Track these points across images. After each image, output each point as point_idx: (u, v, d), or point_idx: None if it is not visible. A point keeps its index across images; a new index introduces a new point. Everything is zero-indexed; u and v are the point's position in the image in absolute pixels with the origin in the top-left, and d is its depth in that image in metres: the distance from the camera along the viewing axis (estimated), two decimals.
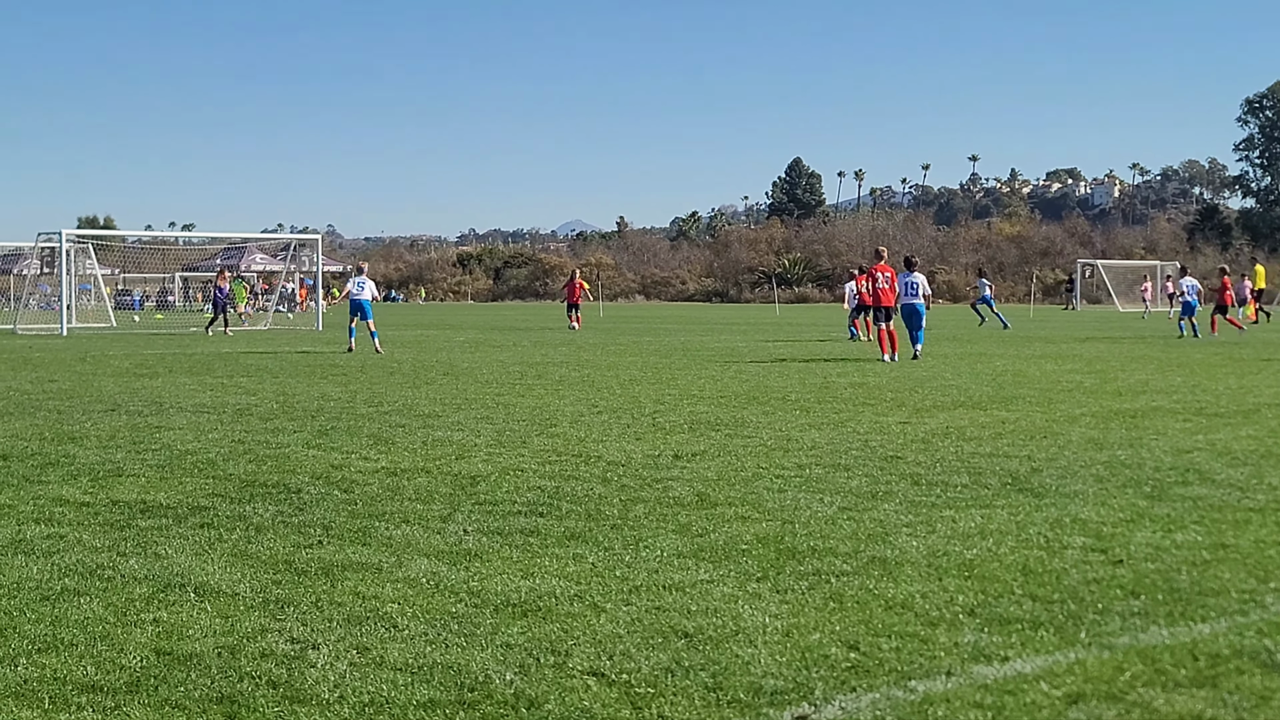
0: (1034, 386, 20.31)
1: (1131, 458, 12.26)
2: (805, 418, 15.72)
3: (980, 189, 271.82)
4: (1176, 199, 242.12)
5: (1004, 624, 6.52)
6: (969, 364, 25.94)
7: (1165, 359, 27.83)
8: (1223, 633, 6.33)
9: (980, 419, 15.59)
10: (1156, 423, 15.15)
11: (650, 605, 6.89)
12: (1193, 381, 21.35)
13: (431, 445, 13.19)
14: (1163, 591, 7.12)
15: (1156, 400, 17.98)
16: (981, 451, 12.71)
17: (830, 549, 8.21)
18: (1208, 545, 8.30)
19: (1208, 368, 24.85)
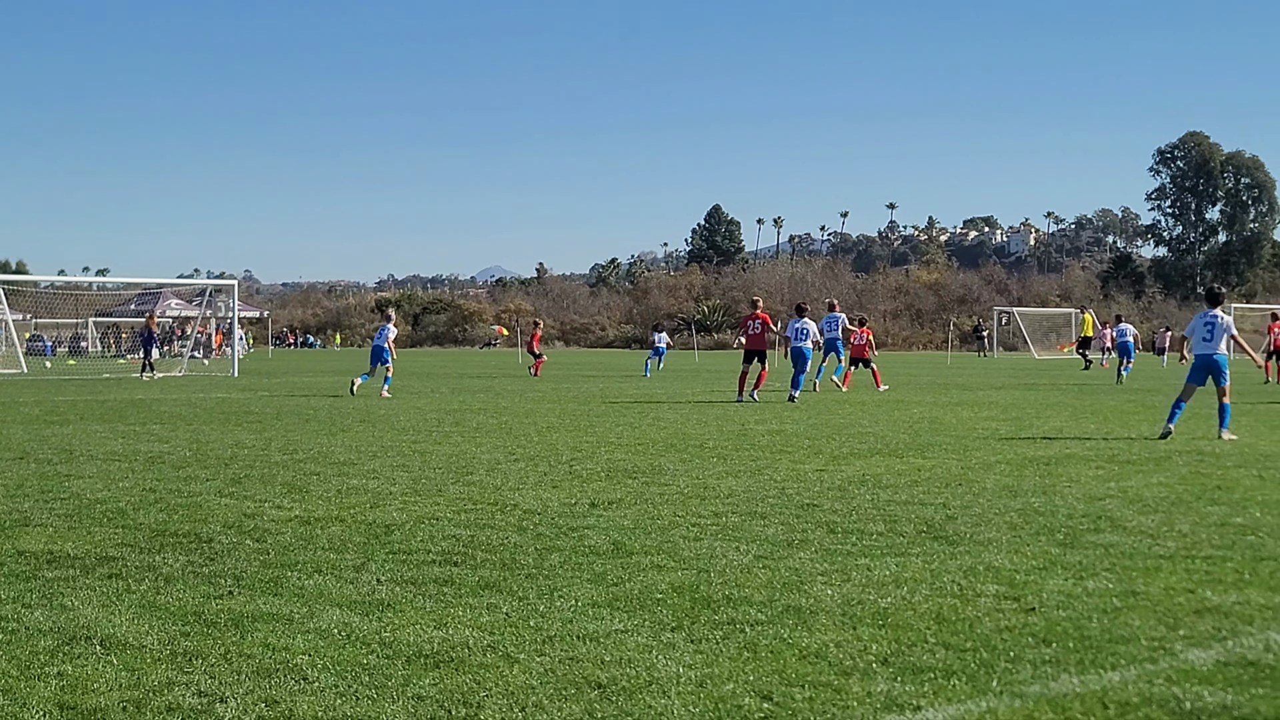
0: (950, 434, 20.43)
1: (1045, 505, 12.34)
2: (722, 465, 15.73)
3: (898, 236, 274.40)
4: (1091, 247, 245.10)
5: (917, 673, 6.52)
6: (886, 411, 26.07)
7: (1080, 406, 28.09)
8: (1132, 680, 6.37)
9: (897, 466, 15.66)
10: (1070, 470, 15.27)
11: (564, 656, 6.84)
12: (1106, 429, 21.56)
13: (346, 493, 13.09)
14: (1074, 639, 7.16)
15: (1071, 447, 18.13)
16: (897, 499, 12.75)
17: (745, 598, 8.20)
18: (1118, 593, 8.36)
19: (1121, 415, 25.10)
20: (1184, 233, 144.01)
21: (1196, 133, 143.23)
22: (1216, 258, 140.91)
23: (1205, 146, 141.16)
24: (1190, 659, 6.75)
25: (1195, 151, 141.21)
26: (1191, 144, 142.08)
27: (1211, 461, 16.16)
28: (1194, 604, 8.03)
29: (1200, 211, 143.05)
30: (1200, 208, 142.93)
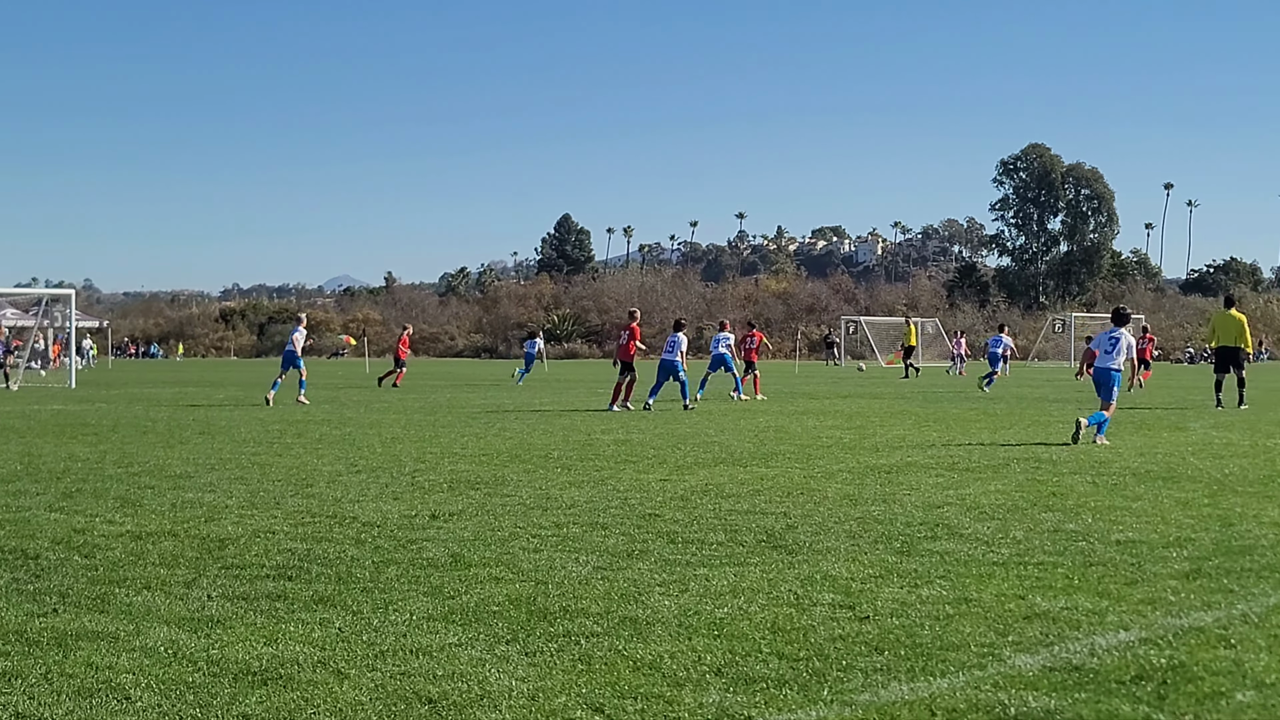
0: (795, 443, 20.58)
1: (884, 513, 12.46)
2: (566, 475, 15.69)
3: (748, 246, 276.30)
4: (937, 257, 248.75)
5: (750, 683, 6.53)
6: (733, 420, 26.20)
7: (923, 414, 28.45)
8: (960, 687, 6.43)
9: (740, 476, 15.72)
10: (911, 478, 15.44)
11: (396, 670, 6.76)
12: (948, 437, 21.84)
13: (181, 507, 12.85)
14: (905, 647, 7.22)
15: (912, 455, 18.34)
16: (739, 509, 12.79)
17: (582, 609, 8.17)
18: (951, 600, 8.45)
19: (963, 423, 25.46)
20: (1027, 243, 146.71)
21: (1038, 145, 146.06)
22: (1058, 267, 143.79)
23: (1047, 158, 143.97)
24: (1018, 664, 6.84)
25: (1037, 163, 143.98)
26: (1034, 155, 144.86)
27: (1048, 469, 16.43)
28: (1024, 610, 8.14)
29: (1042, 222, 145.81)
30: (1042, 218, 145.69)
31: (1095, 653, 7.07)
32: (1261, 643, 7.27)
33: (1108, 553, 10.24)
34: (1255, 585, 8.95)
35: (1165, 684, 6.48)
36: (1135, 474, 15.79)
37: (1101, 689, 6.40)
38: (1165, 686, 6.44)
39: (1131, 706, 6.12)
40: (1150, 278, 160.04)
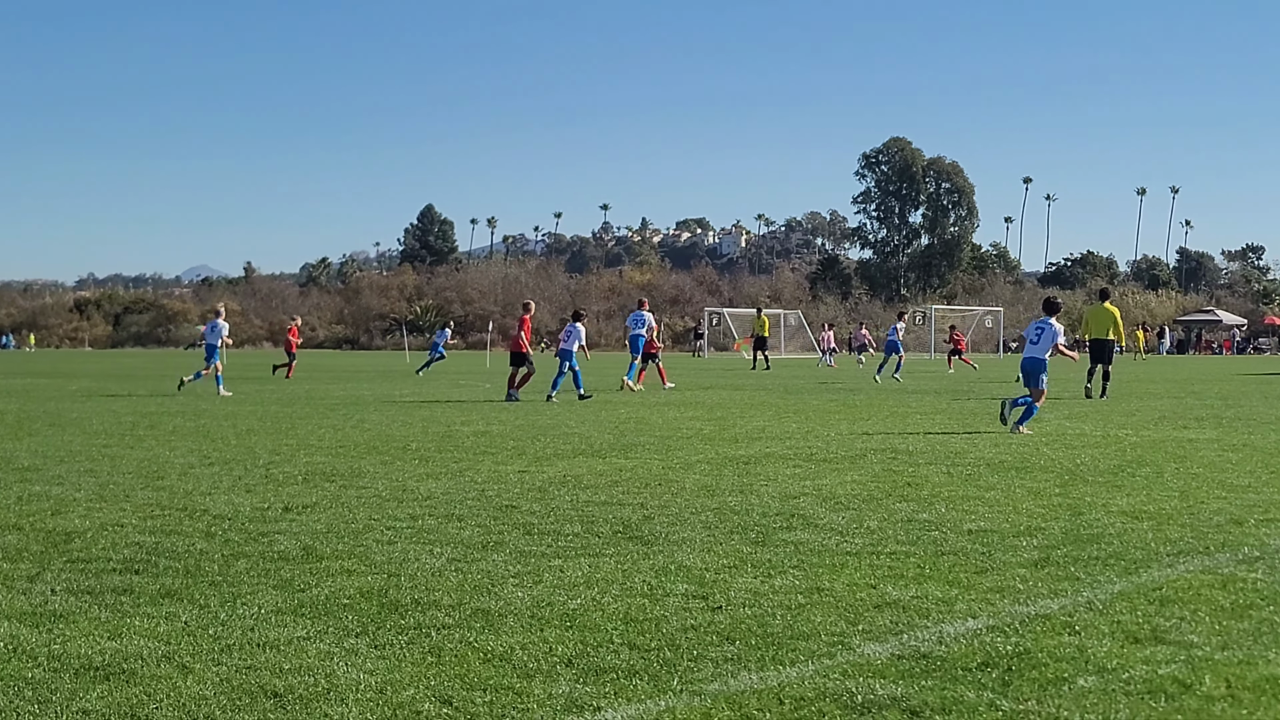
0: (654, 434, 20.61)
1: (741, 504, 12.51)
2: (424, 467, 15.59)
3: (612, 238, 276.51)
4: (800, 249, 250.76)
5: (600, 674, 6.52)
6: (594, 411, 26.18)
7: (783, 406, 28.62)
8: (809, 675, 6.46)
9: (599, 467, 15.72)
10: (768, 469, 15.53)
11: (242, 665, 6.67)
12: (807, 428, 21.99)
13: (27, 500, 12.58)
14: (757, 636, 7.25)
15: (771, 446, 18.44)
16: (596, 500, 12.78)
17: (434, 601, 8.11)
18: (804, 589, 8.50)
19: (823, 414, 25.65)
20: (888, 235, 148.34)
21: (900, 138, 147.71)
22: (919, 260, 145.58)
23: (908, 152, 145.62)
24: (867, 653, 6.89)
25: (899, 156, 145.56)
26: (895, 149, 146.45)
27: (904, 459, 16.60)
28: (875, 599, 8.21)
29: (904, 215, 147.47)
30: (904, 211, 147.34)
31: (943, 640, 7.14)
32: (1105, 629, 7.39)
33: (959, 542, 10.36)
34: (1101, 573, 9.09)
35: (1010, 670, 6.56)
36: (989, 464, 15.99)
37: (948, 676, 6.47)
38: (1010, 673, 6.52)
39: (976, 693, 6.19)
40: (1009, 270, 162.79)
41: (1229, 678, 6.42)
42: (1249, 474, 14.92)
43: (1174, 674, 6.48)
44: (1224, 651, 6.90)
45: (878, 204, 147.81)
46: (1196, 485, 13.91)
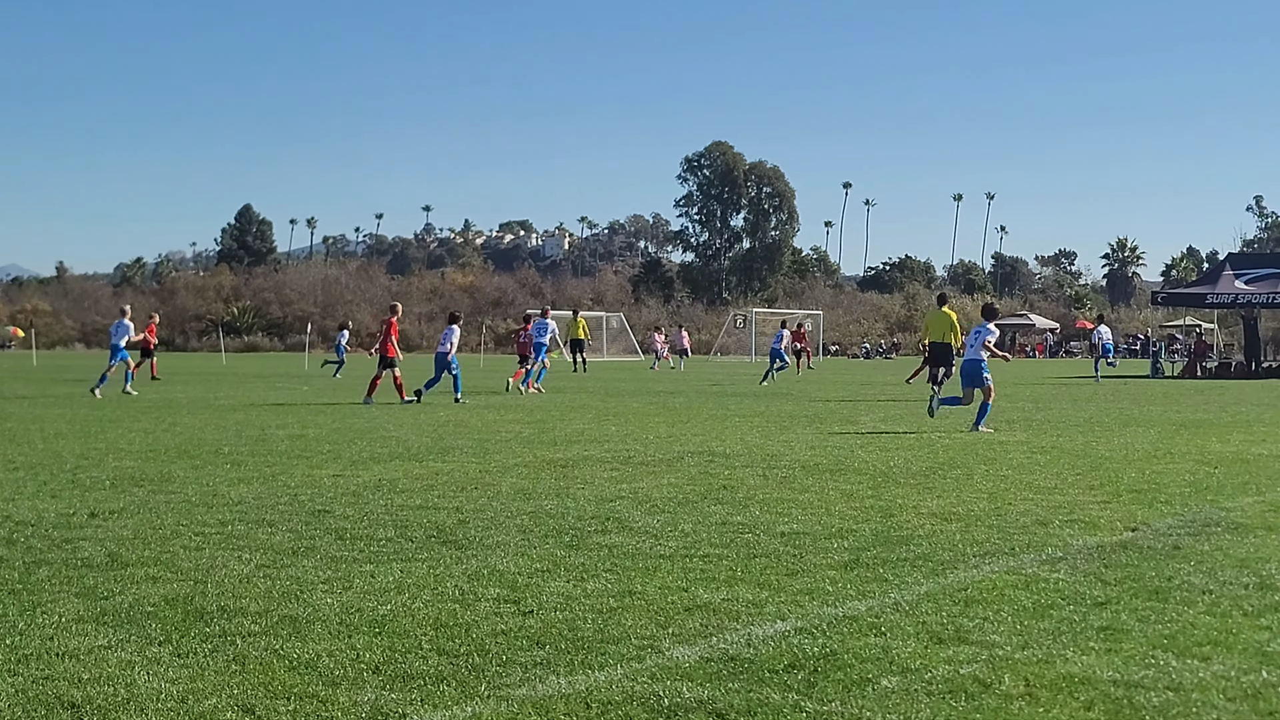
0: (473, 437, 20.52)
1: (557, 507, 12.50)
2: (235, 472, 15.35)
3: (435, 239, 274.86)
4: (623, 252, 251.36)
5: (407, 680, 6.47)
6: (412, 415, 26.00)
7: (603, 409, 28.67)
8: (618, 679, 6.47)
9: (415, 470, 15.61)
10: (586, 472, 15.54)
11: (39, 675, 6.50)
12: (626, 431, 22.05)
13: None
14: (567, 640, 7.24)
15: (589, 449, 18.46)
16: (411, 504, 12.69)
17: (241, 609, 7.99)
18: (616, 593, 8.51)
19: (642, 417, 25.73)
20: (710, 239, 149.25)
21: (722, 142, 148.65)
22: (741, 263, 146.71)
23: (730, 156, 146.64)
24: (676, 656, 6.92)
25: (721, 161, 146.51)
26: (717, 153, 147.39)
27: (721, 462, 16.71)
28: (686, 602, 8.25)
29: (725, 219, 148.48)
30: (725, 215, 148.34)
31: (751, 643, 7.19)
32: (910, 630, 7.50)
33: (772, 544, 10.44)
34: (909, 574, 9.23)
35: (816, 672, 6.63)
36: (804, 467, 16.17)
37: (755, 678, 6.52)
38: (816, 674, 6.59)
39: (782, 695, 6.24)
40: (829, 274, 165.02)
41: (1028, 676, 6.55)
42: (1055, 476, 15.25)
43: (975, 673, 6.59)
44: (1024, 651, 7.04)
45: (700, 207, 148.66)
46: (1005, 487, 14.19)
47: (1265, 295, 53.35)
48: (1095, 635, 7.38)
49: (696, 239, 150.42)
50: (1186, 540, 10.57)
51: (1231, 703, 6.14)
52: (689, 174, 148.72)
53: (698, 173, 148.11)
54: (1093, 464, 16.55)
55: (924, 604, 8.20)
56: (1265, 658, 6.89)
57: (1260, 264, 58.43)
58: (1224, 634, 7.40)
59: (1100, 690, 6.32)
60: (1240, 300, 54.63)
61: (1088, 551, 10.09)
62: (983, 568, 9.47)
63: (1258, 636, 7.35)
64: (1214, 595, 8.45)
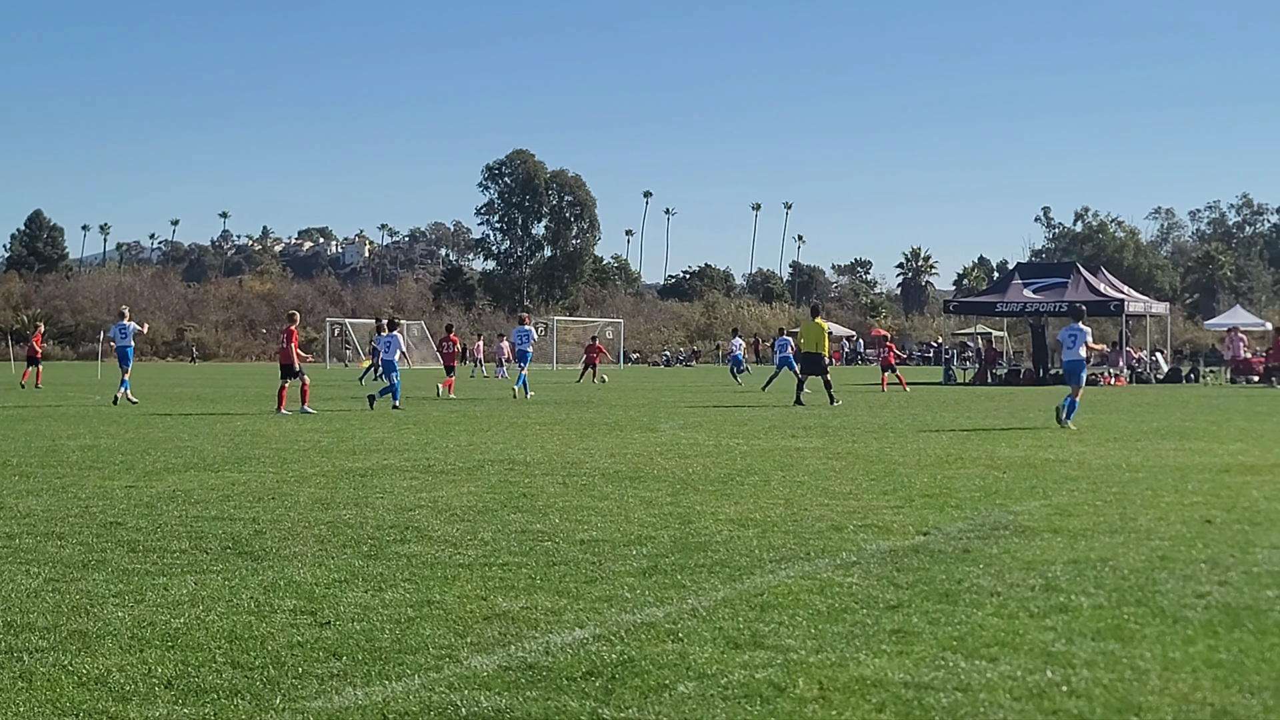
0: (270, 446, 20.26)
1: (355, 517, 12.40)
2: (24, 483, 14.97)
3: (232, 246, 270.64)
4: (424, 260, 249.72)
5: (200, 694, 6.37)
6: (208, 424, 25.61)
7: (403, 417, 28.49)
8: (415, 690, 6.45)
9: (211, 481, 15.37)
10: (385, 481, 15.43)
11: None
12: (426, 439, 21.94)
13: None
14: (364, 651, 7.19)
15: (389, 458, 18.33)
16: (206, 515, 12.50)
17: (29, 624, 7.80)
18: (414, 602, 8.47)
19: (442, 425, 25.62)
20: (512, 247, 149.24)
21: (523, 151, 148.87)
22: (542, 271, 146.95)
23: (531, 164, 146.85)
24: (474, 665, 6.91)
25: (522, 169, 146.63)
26: (518, 161, 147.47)
27: (521, 470, 16.71)
28: (485, 611, 8.24)
29: (527, 227, 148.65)
30: (527, 223, 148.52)
31: (550, 651, 7.21)
32: (707, 635, 7.58)
33: (571, 552, 10.48)
34: (707, 580, 9.32)
35: (614, 679, 6.67)
36: (604, 474, 16.23)
37: (553, 686, 6.54)
38: (613, 681, 6.63)
39: (579, 702, 6.27)
40: (630, 283, 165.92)
41: (822, 680, 6.66)
42: (851, 481, 15.51)
43: (770, 678, 6.69)
44: (818, 654, 7.15)
45: (501, 215, 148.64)
46: (801, 493, 14.39)
47: (1052, 304, 54.93)
48: (887, 638, 7.53)
49: (498, 247, 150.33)
50: (976, 544, 10.83)
51: (1017, 702, 6.31)
52: (490, 182, 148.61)
53: (499, 181, 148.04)
54: (887, 469, 16.87)
55: (721, 610, 8.29)
56: (1050, 657, 7.09)
57: (1047, 274, 60.10)
58: (1011, 635, 7.60)
59: (891, 692, 6.46)
60: (1028, 309, 56.20)
61: (881, 556, 10.29)
62: (779, 573, 9.60)
63: (1043, 637, 7.56)
64: (1001, 597, 8.67)
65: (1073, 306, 27.54)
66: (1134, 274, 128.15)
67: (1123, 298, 56.34)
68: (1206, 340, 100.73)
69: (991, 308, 58.80)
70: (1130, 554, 10.31)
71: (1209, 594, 8.74)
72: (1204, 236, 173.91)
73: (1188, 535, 11.24)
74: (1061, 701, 6.31)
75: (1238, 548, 10.60)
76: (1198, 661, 6.99)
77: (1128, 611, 8.20)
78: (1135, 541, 10.93)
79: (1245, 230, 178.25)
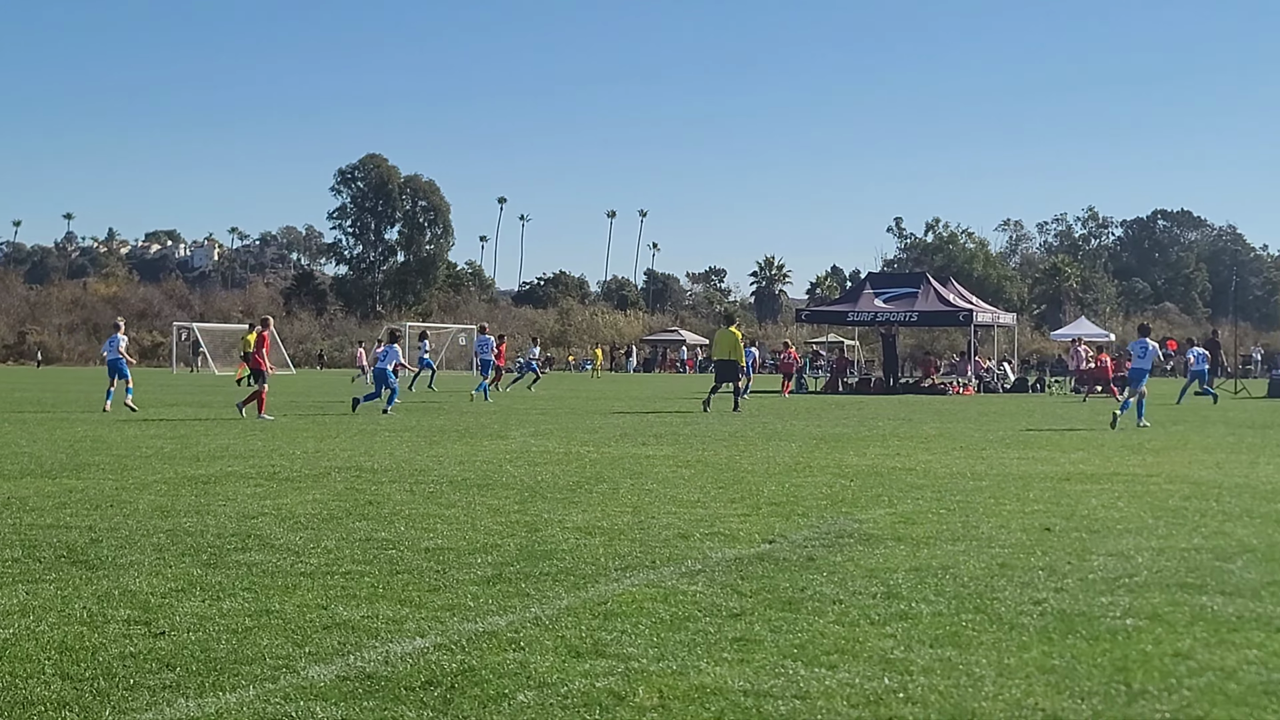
0: (111, 453, 19.88)
1: (196, 525, 12.20)
2: None
3: (76, 248, 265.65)
4: (275, 264, 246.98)
5: (28, 706, 6.22)
6: (48, 430, 25.08)
7: (252, 424, 28.09)
8: (250, 701, 6.34)
9: (47, 488, 15.04)
10: (229, 488, 15.20)
11: None
12: (272, 445, 21.66)
13: None
14: (199, 662, 7.06)
15: (233, 465, 18.07)
16: (41, 523, 12.22)
17: None
18: (253, 612, 8.34)
19: (289, 432, 25.32)
20: (364, 252, 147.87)
21: (376, 155, 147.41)
22: (395, 277, 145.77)
23: (384, 169, 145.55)
24: (311, 675, 6.81)
25: (375, 173, 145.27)
26: (371, 166, 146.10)
27: (367, 477, 16.56)
28: (325, 620, 8.13)
29: (380, 232, 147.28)
30: (380, 228, 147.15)
31: (390, 660, 7.13)
32: (549, 644, 7.54)
33: (415, 560, 10.39)
34: (551, 589, 9.29)
35: (453, 689, 6.61)
36: (452, 482, 16.13)
37: (391, 696, 6.46)
38: (453, 691, 6.57)
39: (417, 712, 6.21)
40: (484, 289, 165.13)
41: (662, 688, 6.65)
42: (699, 489, 15.55)
43: (610, 686, 6.67)
44: (660, 663, 7.15)
45: (354, 220, 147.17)
46: (649, 500, 14.41)
47: (902, 314, 55.68)
48: (729, 646, 7.55)
49: (350, 252, 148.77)
50: (820, 552, 10.90)
51: (854, 709, 6.34)
52: (343, 186, 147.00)
53: (351, 185, 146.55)
54: (735, 477, 16.95)
55: (564, 618, 8.26)
56: (888, 664, 7.15)
57: (898, 284, 60.81)
58: (851, 642, 7.65)
59: (731, 700, 6.46)
60: (879, 318, 56.86)
61: (726, 564, 10.32)
62: (623, 581, 9.59)
63: (882, 644, 7.62)
64: (843, 605, 8.73)
65: (1141, 326, 32.44)
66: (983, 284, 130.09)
67: (971, 308, 57.14)
68: (1053, 350, 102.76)
69: (843, 317, 59.42)
70: (971, 561, 10.44)
71: (1045, 601, 8.88)
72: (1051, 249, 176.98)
73: (1027, 543, 11.42)
74: (898, 708, 6.36)
75: (1075, 555, 10.78)
76: (1032, 667, 7.10)
77: (966, 618, 8.30)
78: (976, 549, 11.07)
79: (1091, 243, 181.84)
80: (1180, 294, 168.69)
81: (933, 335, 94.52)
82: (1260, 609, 8.66)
